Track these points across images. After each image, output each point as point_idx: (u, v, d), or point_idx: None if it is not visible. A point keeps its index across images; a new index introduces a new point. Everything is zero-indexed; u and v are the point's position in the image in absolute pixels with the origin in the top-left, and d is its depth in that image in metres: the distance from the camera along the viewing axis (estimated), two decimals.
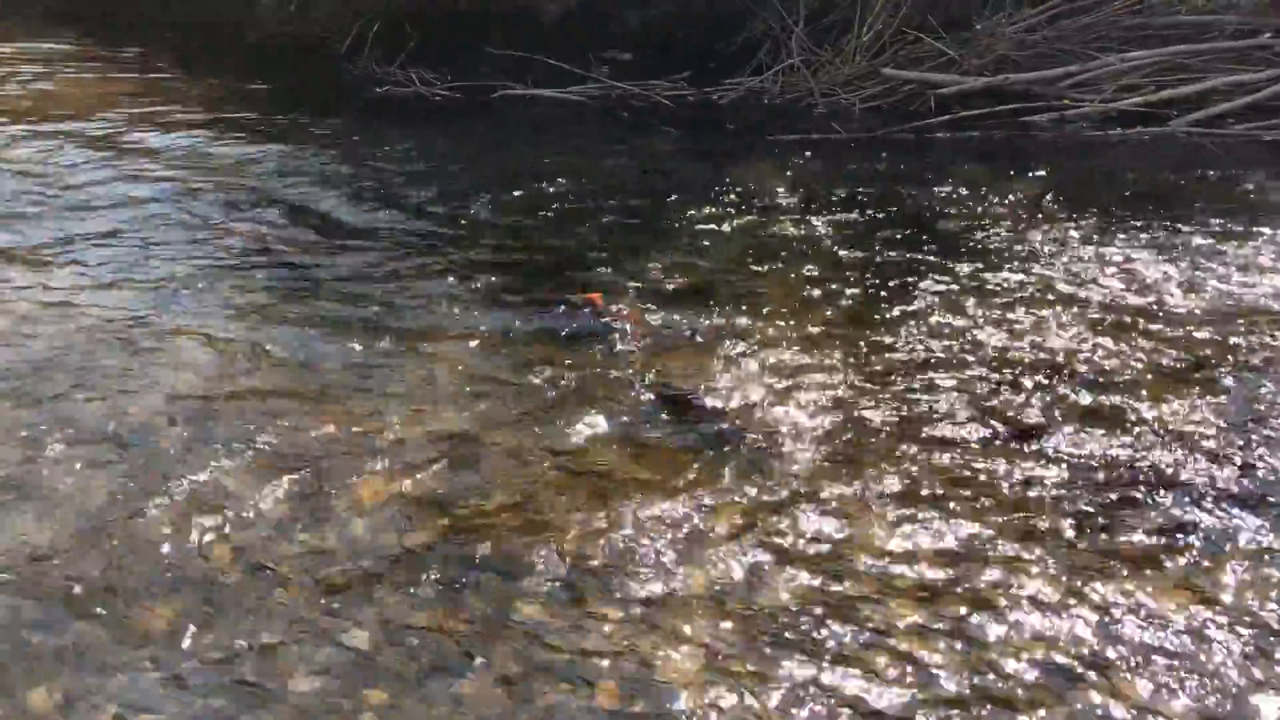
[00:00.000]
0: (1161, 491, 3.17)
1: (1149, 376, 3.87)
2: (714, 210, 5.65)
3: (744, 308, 4.38)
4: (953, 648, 2.51)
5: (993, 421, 3.56)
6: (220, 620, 2.55)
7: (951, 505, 3.08)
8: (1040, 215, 5.57)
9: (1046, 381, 3.83)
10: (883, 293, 4.61)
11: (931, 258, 4.99)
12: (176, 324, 4.05)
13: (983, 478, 3.24)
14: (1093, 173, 6.56)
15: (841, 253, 5.08)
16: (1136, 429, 3.51)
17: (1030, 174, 6.20)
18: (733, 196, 5.85)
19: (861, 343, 4.13)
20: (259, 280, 4.51)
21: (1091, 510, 3.08)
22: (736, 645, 2.49)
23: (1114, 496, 3.15)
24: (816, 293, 4.59)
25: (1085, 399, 3.70)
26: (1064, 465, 3.31)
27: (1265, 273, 4.80)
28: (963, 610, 2.63)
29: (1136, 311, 4.40)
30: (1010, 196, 5.88)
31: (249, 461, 3.17)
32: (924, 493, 3.14)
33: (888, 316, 4.35)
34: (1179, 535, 2.98)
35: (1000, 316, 4.36)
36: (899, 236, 5.34)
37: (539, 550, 2.81)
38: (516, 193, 5.77)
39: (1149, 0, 8.24)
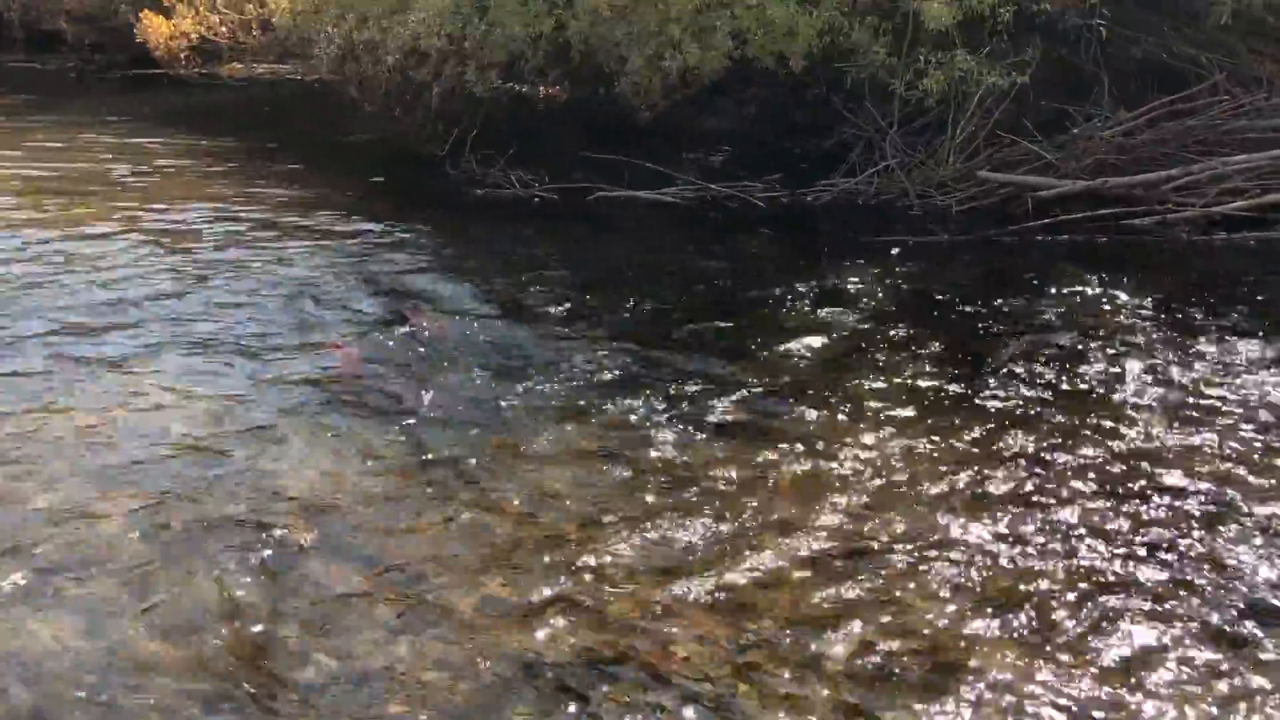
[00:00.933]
0: None
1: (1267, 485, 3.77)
2: (809, 312, 5.64)
3: (839, 413, 4.37)
4: None
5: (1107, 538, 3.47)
6: None
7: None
8: (1148, 322, 5.46)
9: (1160, 497, 3.72)
10: (983, 401, 4.53)
11: (1037, 366, 4.91)
12: (289, 426, 4.14)
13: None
14: (1199, 278, 6.43)
15: (941, 357, 5.02)
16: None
17: (1134, 279, 6.09)
18: (828, 298, 5.83)
19: (962, 449, 4.07)
20: (364, 385, 4.60)
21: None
22: None
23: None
24: (914, 399, 4.54)
25: (1207, 511, 3.59)
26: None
27: None
28: None
29: (1256, 423, 4.28)
30: (1115, 302, 5.78)
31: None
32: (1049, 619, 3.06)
33: (989, 427, 4.27)
34: None
35: (1109, 428, 4.27)
36: (1001, 342, 5.27)
37: None
38: (615, 294, 5.82)
39: (1249, 103, 8.13)
